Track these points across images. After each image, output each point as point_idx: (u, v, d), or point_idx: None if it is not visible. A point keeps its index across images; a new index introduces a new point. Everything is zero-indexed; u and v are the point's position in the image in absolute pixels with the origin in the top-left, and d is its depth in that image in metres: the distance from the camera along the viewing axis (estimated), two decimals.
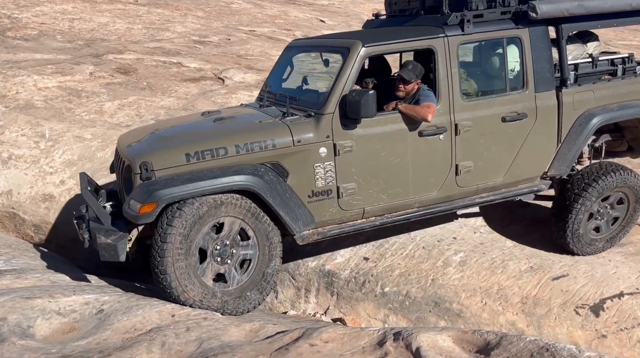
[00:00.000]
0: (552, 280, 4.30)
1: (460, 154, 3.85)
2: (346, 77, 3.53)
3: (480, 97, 3.98)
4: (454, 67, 3.76)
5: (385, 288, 4.57)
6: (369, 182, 3.66)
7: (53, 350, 2.72)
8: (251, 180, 3.28)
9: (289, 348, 2.73)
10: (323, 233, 3.61)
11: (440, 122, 3.75)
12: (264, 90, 4.37)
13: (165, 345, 2.84)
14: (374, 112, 3.42)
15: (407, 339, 2.67)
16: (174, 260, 3.15)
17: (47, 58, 7.73)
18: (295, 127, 3.49)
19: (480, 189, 4.04)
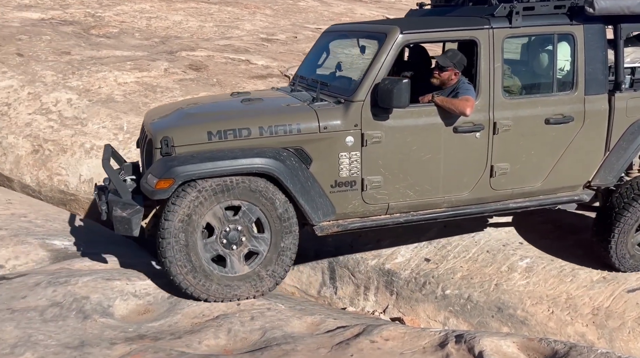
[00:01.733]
0: (627, 292, 4.08)
1: (496, 155, 3.63)
2: (380, 64, 3.37)
3: (523, 96, 3.77)
4: (498, 61, 3.53)
5: (446, 291, 4.50)
6: (396, 177, 3.50)
7: (130, 329, 2.91)
8: (272, 164, 3.15)
9: (350, 343, 2.77)
10: (343, 226, 3.48)
11: (478, 119, 3.54)
12: (296, 75, 4.27)
13: (231, 331, 2.97)
14: (407, 103, 3.25)
15: (469, 342, 2.64)
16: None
17: (126, 55, 8.18)
18: (322, 112, 3.35)
19: (515, 194, 3.81)
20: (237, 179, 3.13)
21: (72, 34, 9.01)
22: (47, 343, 2.66)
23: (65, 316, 2.93)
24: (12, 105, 6.54)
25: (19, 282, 3.25)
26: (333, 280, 5.00)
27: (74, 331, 2.81)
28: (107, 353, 2.63)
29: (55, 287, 3.16)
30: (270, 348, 2.74)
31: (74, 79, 7.07)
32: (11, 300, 3.03)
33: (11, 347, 2.60)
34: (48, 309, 2.96)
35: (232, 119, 3.34)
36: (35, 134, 6.21)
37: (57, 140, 6.15)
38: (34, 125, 6.31)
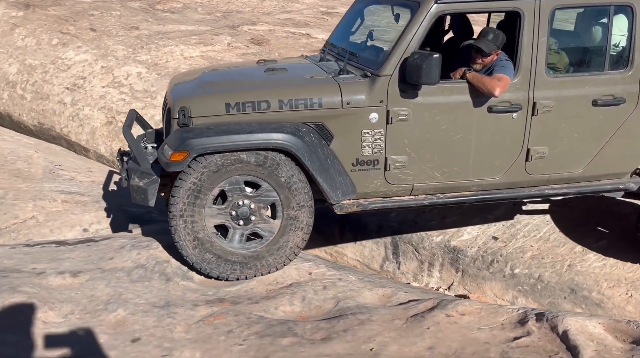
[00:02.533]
0: None
1: (534, 137, 3.37)
2: (411, 37, 3.13)
3: (569, 74, 3.48)
4: (543, 35, 3.24)
5: (515, 270, 4.40)
6: (422, 157, 3.32)
7: (209, 292, 3.03)
8: (290, 140, 3.00)
9: (425, 317, 2.77)
10: (364, 206, 3.33)
11: (515, 98, 3.28)
12: (328, 42, 4.08)
13: (305, 299, 3.03)
14: (437, 79, 3.03)
15: (552, 321, 2.58)
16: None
17: (190, 29, 8.34)
18: (346, 86, 3.18)
19: (552, 179, 3.56)
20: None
21: (139, 9, 9.27)
22: (136, 302, 2.81)
23: (150, 277, 3.09)
24: (87, 79, 6.84)
25: (105, 245, 3.44)
26: (396, 255, 4.99)
27: (158, 292, 2.95)
28: (191, 314, 2.76)
29: (139, 250, 3.32)
30: (345, 317, 2.78)
31: (142, 53, 7.29)
32: (100, 260, 3.21)
33: (104, 303, 2.77)
34: (134, 270, 3.13)
35: (252, 90, 3.22)
36: (109, 106, 6.49)
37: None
38: (107, 98, 6.59)
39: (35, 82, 6.92)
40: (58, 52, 7.15)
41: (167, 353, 2.41)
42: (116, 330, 2.57)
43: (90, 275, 3.02)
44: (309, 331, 2.64)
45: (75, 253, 3.30)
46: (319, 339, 2.57)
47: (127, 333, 2.54)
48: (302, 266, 3.40)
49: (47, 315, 2.58)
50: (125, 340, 2.48)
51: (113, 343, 2.45)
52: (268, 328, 2.63)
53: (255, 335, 2.58)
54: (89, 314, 2.67)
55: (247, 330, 2.62)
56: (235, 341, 2.53)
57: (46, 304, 2.64)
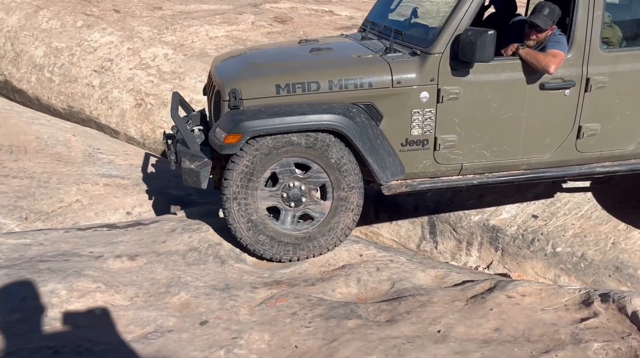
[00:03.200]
0: None
1: (586, 114, 3.34)
2: (463, 13, 3.08)
3: (624, 48, 3.43)
4: (598, 9, 3.18)
5: (557, 248, 4.38)
6: (472, 136, 3.29)
7: (265, 274, 3.05)
8: (341, 121, 3.00)
9: (486, 298, 2.77)
10: (412, 186, 3.31)
11: (569, 74, 3.24)
12: (367, 20, 3.99)
13: (361, 281, 3.04)
14: (491, 56, 2.98)
15: (618, 302, 2.57)
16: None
17: (213, 8, 8.23)
18: (396, 65, 3.14)
19: (603, 157, 3.53)
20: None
21: None
22: (197, 285, 2.83)
23: (205, 260, 3.11)
24: (114, 61, 6.80)
25: (155, 228, 3.46)
26: (433, 235, 4.98)
27: (216, 275, 2.97)
28: (252, 297, 2.78)
29: (190, 233, 3.34)
30: (405, 299, 2.78)
31: (168, 33, 7.22)
32: (153, 243, 3.23)
33: (166, 286, 2.80)
34: (188, 253, 3.15)
35: (301, 71, 3.19)
36: (138, 88, 6.46)
37: (157, 94, 6.38)
38: (135, 80, 6.56)
39: (63, 64, 6.90)
40: (83, 34, 7.11)
41: (236, 336, 2.43)
42: (182, 312, 2.60)
43: (147, 258, 3.04)
44: (372, 313, 2.66)
45: (127, 236, 3.32)
46: (384, 321, 2.58)
47: (194, 316, 2.57)
48: (352, 248, 3.40)
49: (114, 298, 2.61)
50: (194, 323, 2.51)
51: (183, 325, 2.48)
52: (331, 310, 2.65)
53: (320, 317, 2.59)
54: (153, 297, 2.70)
55: (311, 312, 2.63)
56: (301, 323, 2.55)
57: (112, 287, 2.67)
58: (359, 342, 2.37)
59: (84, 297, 2.55)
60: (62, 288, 2.55)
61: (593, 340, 2.34)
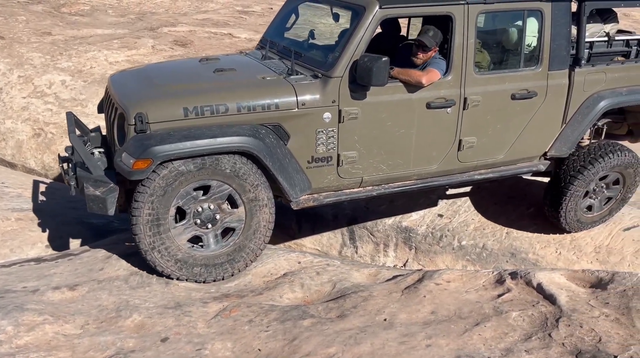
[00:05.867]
0: (624, 230, 4.62)
1: (465, 129, 3.70)
2: (359, 40, 3.28)
3: (492, 71, 3.79)
4: (471, 37, 3.53)
5: (462, 242, 4.92)
6: (370, 152, 3.52)
7: (212, 290, 3.13)
8: (251, 142, 3.07)
9: (418, 287, 3.11)
10: (319, 200, 3.50)
11: (450, 94, 3.58)
12: (265, 39, 4.11)
13: (305, 285, 3.24)
14: (386, 81, 3.21)
15: (525, 277, 3.04)
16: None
17: (108, 33, 8.01)
18: (300, 88, 3.27)
19: (479, 165, 3.94)
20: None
21: (44, 12, 8.70)
22: (147, 306, 2.84)
23: (149, 283, 3.10)
24: (4, 89, 6.36)
25: (89, 257, 3.37)
26: (353, 240, 5.32)
27: (163, 295, 2.99)
28: (205, 311, 2.85)
29: (128, 258, 3.31)
30: (349, 296, 3.03)
31: (63, 60, 6.91)
32: (90, 272, 3.16)
33: (115, 311, 2.77)
34: (130, 277, 3.12)
35: (208, 93, 3.19)
36: (35, 117, 6.11)
37: (58, 123, 6.07)
38: (31, 109, 6.19)
39: None
40: None
41: (200, 348, 2.50)
42: (139, 333, 2.60)
43: (88, 287, 2.98)
44: (322, 312, 2.86)
45: (60, 268, 3.21)
46: (335, 317, 2.80)
47: (153, 335, 2.59)
48: (290, 257, 3.59)
49: (65, 328, 2.54)
50: (155, 341, 2.53)
51: (144, 345, 2.49)
52: (285, 314, 2.81)
53: (276, 321, 2.75)
54: (105, 323, 2.66)
55: (266, 318, 2.77)
56: (259, 328, 2.68)
57: (59, 318, 2.59)
58: (318, 337, 2.56)
59: (33, 330, 2.45)
60: (8, 325, 2.44)
61: (511, 310, 2.76)
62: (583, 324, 2.54)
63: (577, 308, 2.68)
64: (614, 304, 2.67)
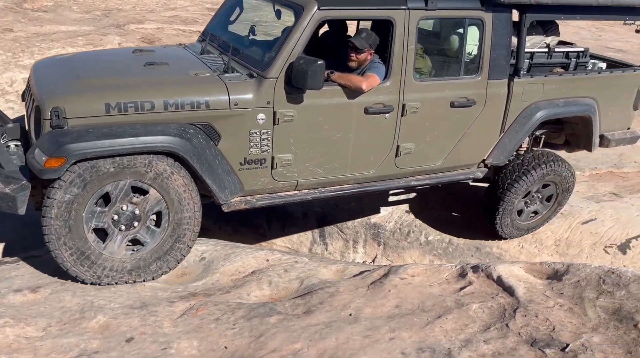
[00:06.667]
0: (582, 224, 4.80)
1: (403, 135, 3.67)
2: (295, 41, 3.19)
3: (432, 78, 3.78)
4: (411, 43, 3.48)
5: (429, 237, 5.02)
6: (306, 155, 3.45)
7: (178, 289, 3.12)
8: (177, 143, 2.92)
9: (383, 282, 3.17)
10: (251, 203, 3.40)
11: (388, 100, 3.53)
12: (207, 31, 3.97)
13: (272, 283, 3.26)
14: (321, 84, 3.13)
15: (486, 270, 3.13)
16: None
17: (73, 30, 7.86)
18: (233, 87, 3.15)
19: (417, 171, 3.93)
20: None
21: (5, 8, 8.46)
22: (112, 307, 2.82)
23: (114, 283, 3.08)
24: None
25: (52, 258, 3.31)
26: (323, 238, 5.37)
27: (129, 295, 2.97)
28: (171, 310, 2.84)
29: None
30: (316, 292, 3.07)
31: (25, 57, 6.75)
32: (53, 274, 3.11)
33: (79, 312, 2.74)
34: None
35: (134, 88, 3.01)
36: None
37: None
38: None
39: None
40: None
41: (165, 347, 2.50)
42: (104, 334, 2.58)
43: (51, 288, 2.94)
44: (289, 308, 2.90)
45: (21, 270, 3.15)
46: (302, 313, 2.83)
47: (118, 335, 2.57)
48: (258, 255, 3.61)
49: (26, 330, 2.50)
50: (120, 341, 2.52)
51: (108, 345, 2.48)
52: (252, 311, 2.83)
53: (242, 318, 2.76)
54: (68, 324, 2.64)
55: (233, 316, 2.79)
56: (226, 326, 2.69)
57: (21, 321, 2.55)
58: (284, 334, 2.59)
59: None
60: None
61: (472, 303, 2.85)
62: (538, 314, 2.64)
63: (534, 299, 2.78)
64: (568, 294, 2.78)
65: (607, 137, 4.47)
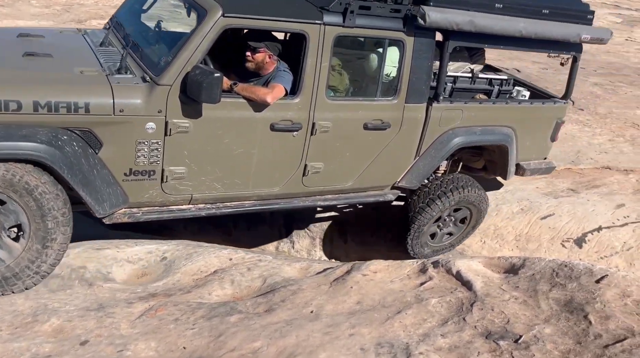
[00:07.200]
0: (541, 219, 4.93)
1: (312, 154, 3.50)
2: (194, 48, 2.91)
3: (346, 98, 3.61)
4: (325, 60, 3.27)
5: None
6: (203, 169, 3.22)
7: (138, 290, 3.07)
8: (43, 150, 2.60)
9: (346, 279, 3.19)
10: (136, 217, 3.15)
11: (297, 117, 3.33)
12: (114, 18, 3.64)
13: (235, 282, 3.24)
14: (217, 99, 2.88)
15: (446, 265, 3.18)
16: None
17: (31, 25, 7.60)
18: (120, 90, 2.84)
19: (326, 191, 3.78)
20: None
21: None
22: (67, 309, 2.74)
23: (70, 285, 3.00)
24: None
25: None
26: (290, 236, 5.37)
27: (86, 297, 2.90)
28: (130, 311, 2.79)
29: None
30: (278, 290, 3.06)
31: None
32: None
33: (32, 315, 2.65)
34: (50, 281, 3.00)
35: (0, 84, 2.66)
36: None
37: None
38: None
39: None
40: None
41: (122, 349, 2.45)
42: (57, 337, 2.51)
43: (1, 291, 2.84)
44: (250, 307, 2.88)
45: None
46: (263, 311, 2.82)
47: (72, 338, 2.51)
48: (221, 254, 3.57)
49: None
50: (74, 345, 2.45)
51: (61, 349, 2.41)
52: (212, 311, 2.81)
53: (202, 318, 2.74)
54: (20, 328, 2.55)
55: (193, 316, 2.76)
56: (185, 327, 2.66)
57: None
58: (244, 333, 2.58)
59: None
60: None
61: (431, 297, 2.90)
62: (494, 307, 2.70)
63: (490, 292, 2.84)
64: (523, 287, 2.86)
65: (522, 166, 4.42)
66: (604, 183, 5.38)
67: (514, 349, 2.40)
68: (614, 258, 4.59)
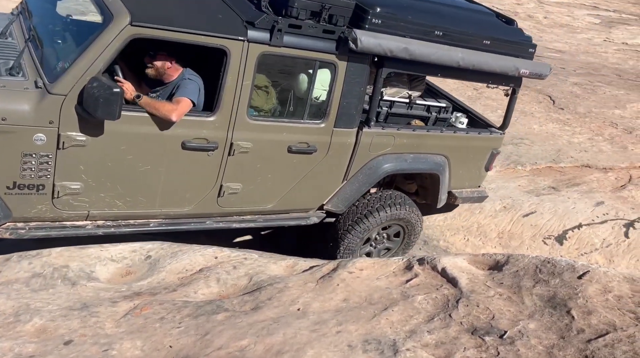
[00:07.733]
0: (523, 217, 5.01)
1: (229, 175, 3.32)
2: (95, 56, 2.65)
3: (270, 119, 3.41)
4: (248, 79, 3.07)
5: None
6: (102, 185, 2.99)
7: (122, 289, 3.03)
8: None
9: (332, 276, 3.20)
10: (19, 234, 2.92)
11: (213, 136, 3.13)
12: (24, 4, 3.30)
13: (220, 280, 3.22)
14: (116, 116, 2.65)
15: (432, 262, 3.21)
16: None
17: None
18: (4, 96, 2.57)
19: (244, 212, 3.59)
20: None
21: None
22: (50, 309, 2.70)
23: (53, 284, 2.95)
24: None
25: None
26: None
27: (69, 296, 2.86)
28: (114, 310, 2.76)
29: (30, 259, 3.11)
30: (265, 288, 3.06)
31: None
32: None
33: (14, 315, 2.60)
34: (31, 280, 2.95)
35: None
36: None
37: None
38: None
39: None
40: None
41: (107, 348, 2.42)
42: (40, 337, 2.47)
43: None
44: (237, 305, 2.87)
45: None
46: (250, 309, 2.82)
47: (56, 338, 2.47)
48: (206, 252, 3.55)
49: None
50: (58, 344, 2.42)
51: (45, 349, 2.37)
52: (198, 309, 2.79)
53: (188, 316, 2.72)
54: (2, 328, 2.50)
55: (179, 314, 2.74)
56: (171, 325, 2.64)
57: None
58: (230, 331, 2.57)
59: None
60: None
61: (417, 294, 2.92)
62: (480, 303, 2.74)
63: (476, 289, 2.88)
64: (508, 284, 2.90)
65: (455, 194, 4.37)
66: (584, 181, 5.49)
67: (499, 344, 2.44)
68: (593, 254, 4.69)
